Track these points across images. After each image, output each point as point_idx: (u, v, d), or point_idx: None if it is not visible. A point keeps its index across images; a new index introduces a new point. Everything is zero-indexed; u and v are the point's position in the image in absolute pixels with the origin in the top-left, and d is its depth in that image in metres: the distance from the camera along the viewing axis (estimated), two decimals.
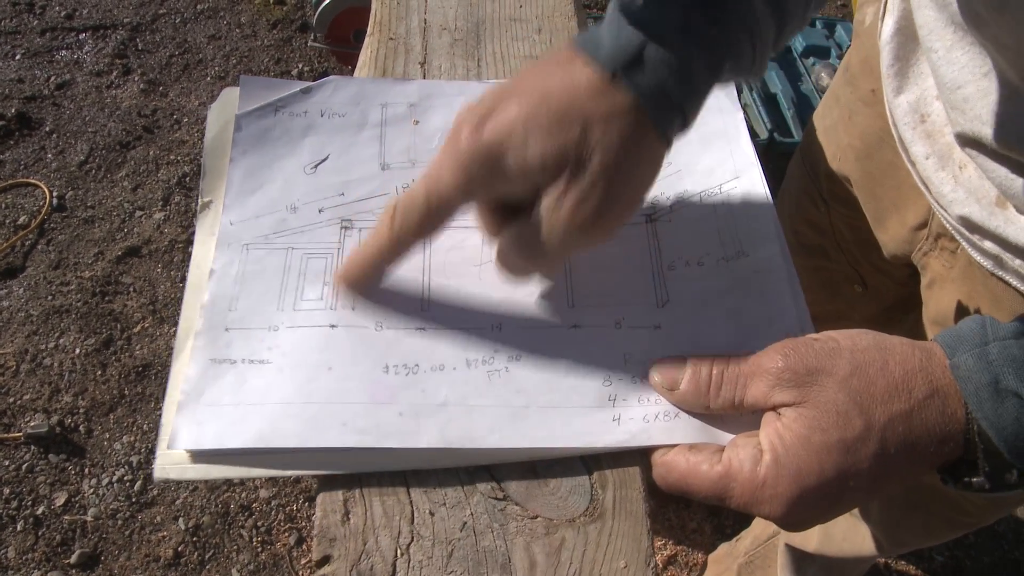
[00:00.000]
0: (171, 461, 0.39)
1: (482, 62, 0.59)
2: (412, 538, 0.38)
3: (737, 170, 0.50)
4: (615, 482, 0.40)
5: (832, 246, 0.81)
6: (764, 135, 1.97)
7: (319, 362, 0.42)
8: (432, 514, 0.39)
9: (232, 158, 0.50)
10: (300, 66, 2.17)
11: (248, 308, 0.44)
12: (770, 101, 2.05)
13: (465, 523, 0.39)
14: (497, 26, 0.62)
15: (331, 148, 0.51)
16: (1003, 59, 0.45)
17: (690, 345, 0.44)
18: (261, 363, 0.42)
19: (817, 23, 2.28)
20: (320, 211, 0.49)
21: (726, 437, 0.41)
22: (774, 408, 0.39)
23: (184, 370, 0.42)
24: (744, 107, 2.05)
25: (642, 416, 0.41)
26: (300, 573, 1.40)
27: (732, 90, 0.54)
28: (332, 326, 0.44)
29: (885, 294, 0.82)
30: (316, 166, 0.50)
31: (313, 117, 0.52)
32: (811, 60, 2.21)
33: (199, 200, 0.50)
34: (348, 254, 0.44)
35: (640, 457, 0.41)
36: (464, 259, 0.47)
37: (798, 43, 2.22)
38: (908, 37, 0.57)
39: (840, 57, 2.17)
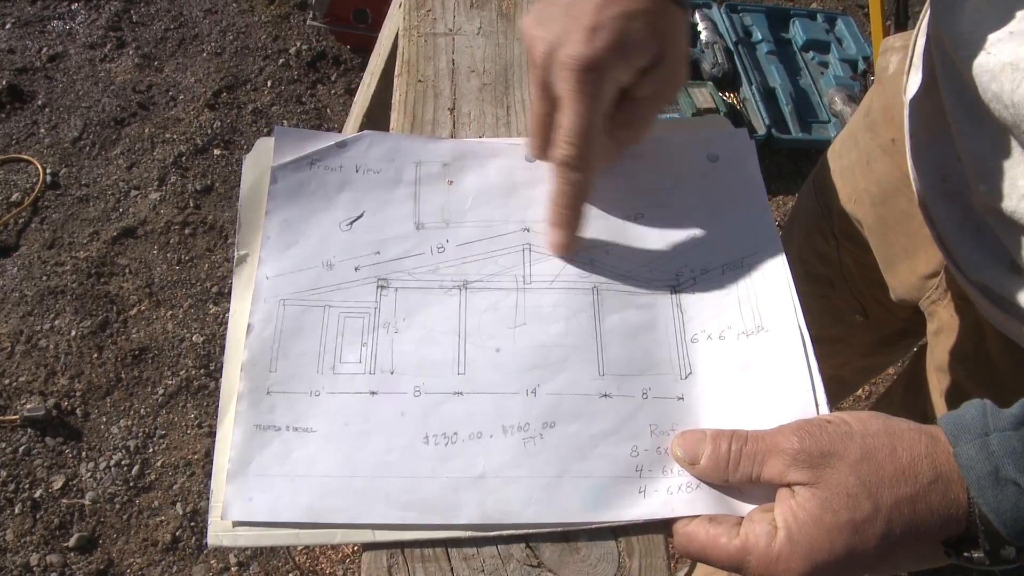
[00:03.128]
0: (224, 528, 0.41)
1: (511, 109, 0.60)
2: None
3: (757, 244, 0.52)
4: (640, 550, 0.43)
5: (838, 278, 0.84)
6: (762, 131, 1.99)
7: (362, 432, 0.44)
8: None
9: (268, 211, 0.51)
10: (298, 44, 2.14)
11: (288, 370, 0.46)
12: (769, 96, 2.07)
13: None
14: (525, 71, 0.62)
15: (366, 205, 0.52)
16: None
17: (711, 417, 0.46)
18: (306, 431, 0.44)
19: (818, 17, 2.29)
20: (356, 269, 0.50)
21: (744, 508, 0.43)
22: (789, 485, 0.41)
23: (229, 435, 0.43)
24: (743, 102, 2.06)
25: (666, 488, 0.43)
26: (297, 559, 1.43)
27: (755, 162, 0.55)
28: (372, 392, 0.45)
29: (885, 325, 0.84)
30: (352, 223, 0.52)
31: (348, 172, 0.53)
32: (811, 54, 2.22)
33: (236, 253, 0.51)
34: (549, 211, 0.50)
35: (664, 526, 0.44)
36: (499, 321, 0.48)
37: (798, 37, 2.23)
38: (935, 98, 0.59)
39: (853, 63, 2.17)
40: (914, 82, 0.61)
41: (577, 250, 0.51)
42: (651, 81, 0.49)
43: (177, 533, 1.43)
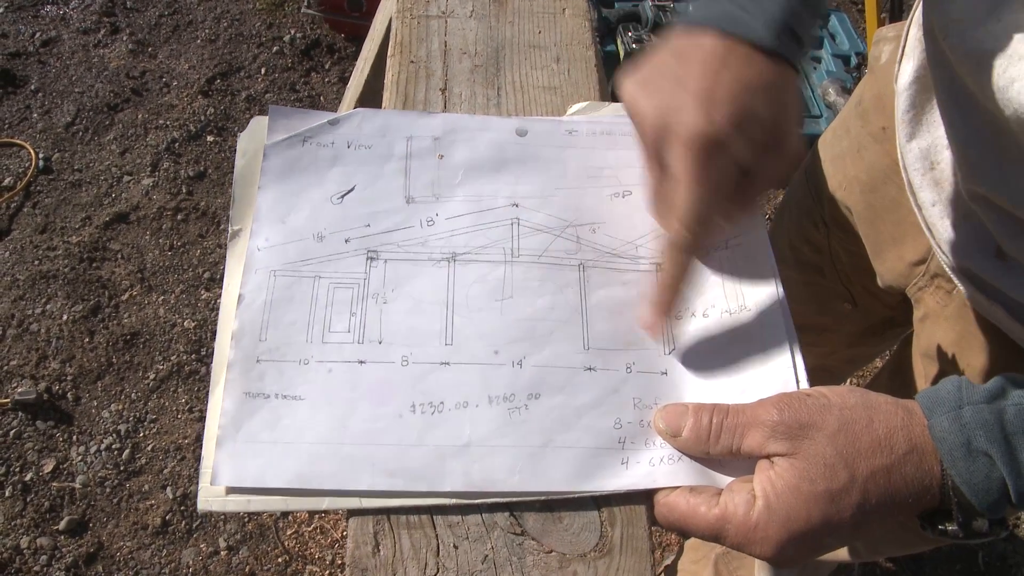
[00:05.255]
0: (213, 494, 0.41)
1: (502, 91, 0.60)
2: (438, 570, 0.41)
3: (742, 226, 0.52)
4: (623, 520, 0.44)
5: (827, 265, 0.84)
6: None
7: (349, 400, 0.44)
8: (456, 547, 0.42)
9: (260, 186, 0.52)
10: (293, 32, 2.14)
11: (278, 338, 0.47)
12: None
13: (486, 556, 0.42)
14: (516, 53, 0.63)
15: (357, 179, 0.53)
16: (1015, 127, 0.48)
17: (694, 392, 0.47)
18: (295, 399, 0.44)
19: None
20: (347, 241, 0.50)
21: (724, 480, 0.44)
22: (768, 457, 0.42)
23: (220, 403, 0.44)
24: None
25: (648, 459, 0.44)
26: (285, 543, 1.44)
27: None
28: (360, 362, 0.46)
29: (872, 313, 0.85)
30: (343, 196, 0.52)
31: (340, 148, 0.54)
32: None
33: (229, 228, 0.51)
34: (655, 291, 0.47)
35: (646, 496, 0.44)
36: (486, 294, 0.49)
37: None
38: (925, 86, 0.59)
39: (846, 58, 2.18)
40: (906, 71, 0.62)
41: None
42: (770, 159, 0.46)
43: (167, 517, 1.43)
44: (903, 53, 0.64)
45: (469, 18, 0.65)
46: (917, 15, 0.63)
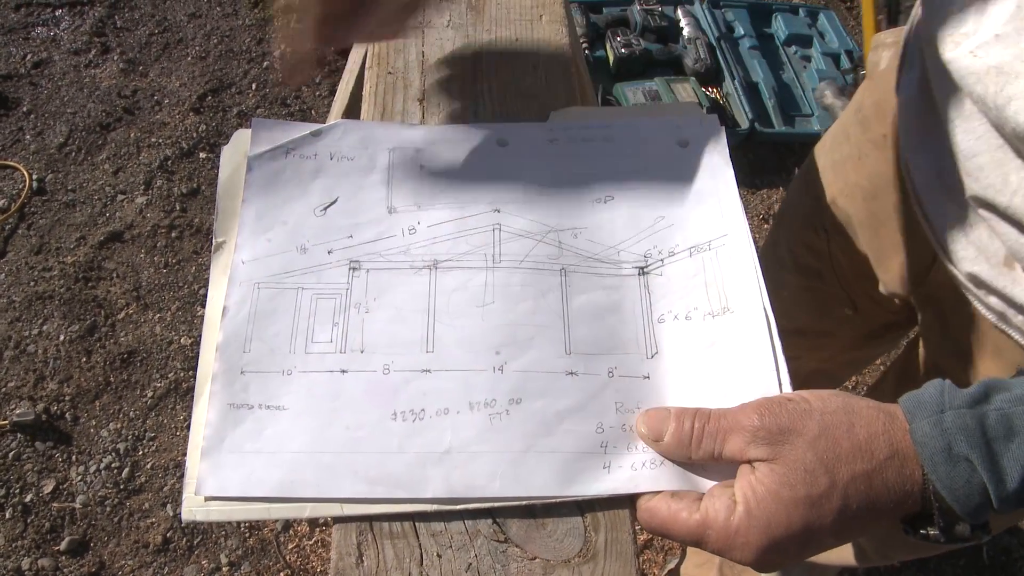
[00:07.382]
0: (197, 504, 0.42)
1: (480, 100, 0.61)
2: None
3: (726, 228, 0.52)
4: (607, 524, 0.44)
5: (828, 271, 0.84)
6: (745, 125, 2.00)
7: (332, 409, 0.45)
8: (439, 556, 0.42)
9: (244, 199, 0.52)
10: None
11: (262, 350, 0.47)
12: (752, 90, 2.08)
13: (470, 564, 0.42)
14: (494, 61, 0.63)
15: (340, 191, 0.53)
16: (1014, 144, 0.48)
17: (676, 396, 0.47)
18: (278, 409, 0.44)
19: (800, 11, 2.30)
20: (329, 252, 0.51)
21: (705, 484, 0.44)
22: (749, 462, 0.42)
23: (204, 415, 0.44)
24: (726, 96, 2.08)
25: (630, 464, 0.44)
26: (287, 558, 1.44)
27: (724, 149, 0.56)
28: (343, 371, 0.46)
29: (874, 318, 0.85)
30: (325, 208, 0.52)
31: (323, 160, 0.54)
32: (793, 48, 2.23)
33: (213, 241, 0.52)
34: None
35: (629, 501, 0.44)
36: (468, 300, 0.49)
37: (781, 31, 2.24)
38: (927, 96, 0.59)
39: (835, 56, 2.19)
40: (907, 80, 0.62)
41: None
42: None
43: (168, 534, 1.43)
44: (903, 62, 0.63)
45: (446, 28, 0.66)
46: (915, 23, 0.62)
